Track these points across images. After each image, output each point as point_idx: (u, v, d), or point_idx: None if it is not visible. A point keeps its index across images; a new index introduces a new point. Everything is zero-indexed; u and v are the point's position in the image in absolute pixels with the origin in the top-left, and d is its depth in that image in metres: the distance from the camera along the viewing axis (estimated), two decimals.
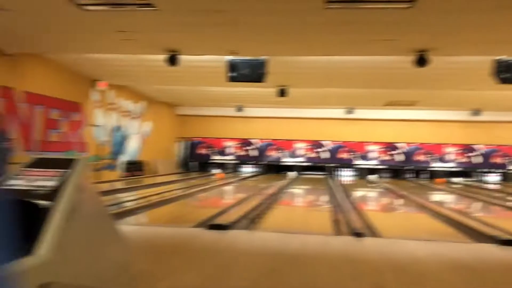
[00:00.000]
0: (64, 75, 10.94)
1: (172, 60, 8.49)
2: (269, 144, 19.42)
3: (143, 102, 15.91)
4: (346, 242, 4.42)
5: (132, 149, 15.04)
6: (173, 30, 7.25)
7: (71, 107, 11.28)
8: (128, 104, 14.66)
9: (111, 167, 13.59)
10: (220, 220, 5.43)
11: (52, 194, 1.93)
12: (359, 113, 18.26)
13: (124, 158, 14.44)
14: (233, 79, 8.91)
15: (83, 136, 11.87)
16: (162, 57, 8.73)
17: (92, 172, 12.44)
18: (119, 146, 14.09)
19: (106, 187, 10.54)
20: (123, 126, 14.33)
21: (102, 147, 12.98)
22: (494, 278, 3.23)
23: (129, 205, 7.19)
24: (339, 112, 18.33)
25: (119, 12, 6.32)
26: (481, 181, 18.46)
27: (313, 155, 19.22)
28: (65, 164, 2.10)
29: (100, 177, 12.82)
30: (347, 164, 19.15)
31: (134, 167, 14.83)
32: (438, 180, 17.24)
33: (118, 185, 11.44)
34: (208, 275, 3.05)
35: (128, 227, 5.15)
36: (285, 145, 19.37)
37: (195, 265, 3.32)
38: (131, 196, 8.83)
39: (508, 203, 9.48)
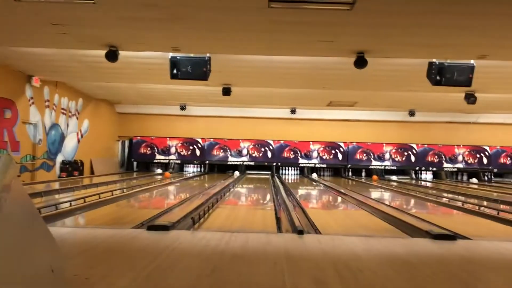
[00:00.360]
0: None
1: (112, 56, 8.22)
2: (214, 144, 19.31)
3: (81, 99, 15.31)
4: (287, 239, 4.44)
5: (69, 148, 14.42)
6: (112, 25, 7.01)
7: (3, 104, 10.64)
8: (65, 101, 14.05)
9: (47, 167, 12.97)
10: (161, 221, 5.30)
11: None
12: (303, 113, 18.61)
13: (60, 157, 13.83)
14: (175, 77, 8.76)
15: (16, 134, 11.24)
16: (101, 52, 8.43)
17: (26, 172, 11.81)
18: (55, 145, 13.47)
19: (41, 187, 10.03)
20: (59, 124, 13.71)
21: (37, 146, 12.35)
22: (427, 270, 3.36)
23: (65, 206, 6.87)
24: (283, 112, 18.59)
25: (54, 4, 6.02)
26: (416, 178, 19.35)
27: (258, 154, 19.33)
28: None
29: (35, 177, 12.21)
30: (291, 163, 19.42)
31: (72, 167, 14.24)
32: (374, 177, 18.11)
33: (55, 185, 10.93)
34: (145, 277, 2.95)
35: (64, 229, 4.93)
36: (230, 144, 19.34)
37: (133, 267, 3.20)
38: (68, 197, 8.46)
39: (441, 200, 9.97)
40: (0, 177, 1.91)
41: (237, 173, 18.40)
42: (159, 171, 19.27)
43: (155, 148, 19.25)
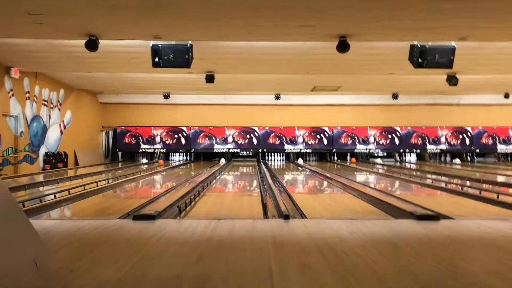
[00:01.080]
0: None
1: (91, 45, 8.09)
2: (199, 132, 19.25)
3: (62, 90, 15.08)
4: (273, 224, 4.47)
5: (52, 140, 14.25)
6: (90, 14, 6.88)
7: None
8: (46, 93, 13.83)
9: (30, 159, 12.80)
10: (147, 210, 5.29)
11: None
12: (287, 99, 18.61)
13: (44, 149, 13.66)
14: (157, 65, 8.67)
15: None
16: (81, 42, 8.29)
17: (8, 165, 11.65)
18: (37, 137, 13.28)
19: (25, 180, 9.92)
20: (41, 116, 13.51)
21: (19, 138, 12.17)
22: (411, 251, 3.41)
23: (50, 198, 6.80)
24: (268, 98, 18.56)
25: None
26: (400, 161, 19.57)
27: (243, 141, 19.32)
28: None
29: (18, 170, 12.06)
30: (277, 149, 19.48)
31: (55, 159, 14.08)
32: (352, 159, 18.62)
33: (39, 178, 10.80)
34: (131, 267, 2.95)
35: (49, 221, 4.88)
36: (215, 132, 19.29)
37: (118, 257, 3.20)
38: (52, 189, 8.38)
39: (425, 181, 10.11)
40: None
41: (223, 160, 18.40)
42: (144, 160, 19.17)
43: (140, 137, 19.12)
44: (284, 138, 19.42)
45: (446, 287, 2.58)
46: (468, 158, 19.91)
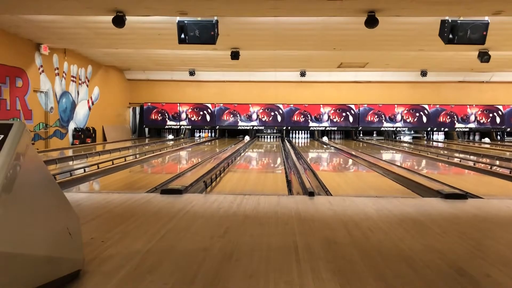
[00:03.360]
0: (3, 39, 10.28)
1: (118, 21, 8.14)
2: (224, 109, 19.30)
3: (90, 67, 15.29)
4: (298, 201, 4.49)
5: (80, 115, 14.53)
6: None
7: (13, 73, 10.67)
8: (74, 69, 14.05)
9: (60, 134, 13.12)
10: (174, 185, 5.38)
11: None
12: (313, 76, 18.39)
13: (73, 125, 13.96)
14: (183, 41, 8.68)
15: (28, 103, 11.33)
16: (108, 18, 8.35)
17: (39, 140, 11.97)
18: (67, 113, 13.57)
19: (55, 155, 10.19)
20: (70, 92, 13.76)
21: (49, 114, 12.45)
22: (438, 229, 3.39)
23: (79, 172, 6.99)
24: (293, 75, 18.39)
25: None
26: (428, 139, 19.26)
27: (268, 118, 19.30)
28: (1, 130, 1.97)
29: (49, 145, 12.38)
30: (301, 127, 19.40)
31: (84, 134, 14.39)
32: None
33: (68, 152, 11.08)
34: (160, 239, 3.03)
35: (79, 194, 5.03)
36: (240, 109, 19.31)
37: (147, 230, 3.28)
38: (81, 163, 8.59)
39: (452, 160, 9.95)
40: (14, 144, 1.93)
41: (247, 137, 18.46)
42: (170, 136, 19.40)
43: (166, 114, 19.31)
44: (309, 115, 19.30)
45: (473, 265, 2.56)
46: (498, 137, 19.43)
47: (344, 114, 19.23)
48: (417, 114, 19.23)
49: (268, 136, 19.62)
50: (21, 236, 1.86)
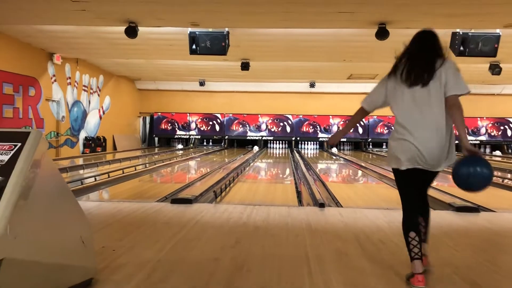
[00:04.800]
0: (17, 48, 10.42)
1: (131, 32, 8.22)
2: (233, 119, 19.35)
3: (102, 76, 15.44)
4: (308, 212, 4.48)
5: (91, 124, 14.64)
6: (131, 1, 6.98)
7: (26, 82, 10.80)
8: (86, 78, 14.19)
9: (70, 143, 13.22)
10: (184, 194, 5.39)
11: (3, 169, 1.84)
12: (322, 87, 18.39)
13: (83, 134, 14.07)
14: (195, 52, 8.75)
15: (40, 111, 11.44)
16: (120, 29, 8.44)
17: (50, 148, 12.07)
18: (78, 122, 13.68)
19: (66, 163, 10.26)
20: (81, 101, 13.89)
21: (60, 123, 12.57)
22: (450, 242, 3.36)
23: (90, 181, 7.03)
24: (302, 86, 18.41)
25: None
26: None
27: (277, 129, 19.31)
28: (19, 137, 2.00)
29: (60, 153, 12.47)
30: (311, 138, 19.37)
31: (95, 143, 14.48)
32: None
33: (79, 161, 11.16)
34: (171, 249, 3.03)
35: (89, 203, 5.05)
36: (249, 119, 19.35)
37: (158, 239, 3.29)
38: (92, 172, 8.64)
39: None
40: (32, 152, 1.96)
41: (256, 148, 18.46)
42: (179, 146, 19.46)
43: (176, 124, 19.40)
44: (318, 126, 19.28)
45: (487, 279, 2.53)
46: (510, 150, 19.24)
47: None
48: None
49: (277, 147, 19.60)
50: (36, 244, 1.88)
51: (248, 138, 19.41)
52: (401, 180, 2.66)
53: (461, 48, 8.55)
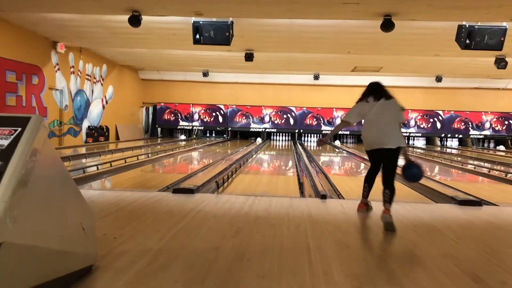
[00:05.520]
0: (21, 36, 10.39)
1: (135, 21, 8.18)
2: (236, 110, 19.31)
3: (105, 66, 15.41)
4: (310, 203, 4.47)
5: (94, 114, 14.64)
6: None
7: (29, 70, 10.79)
8: (89, 68, 14.17)
9: (73, 132, 13.23)
10: (186, 184, 5.39)
11: (3, 153, 1.83)
12: (326, 79, 18.31)
13: (86, 123, 14.08)
14: (198, 42, 8.70)
15: (43, 100, 11.44)
16: (124, 18, 8.40)
17: (53, 137, 12.08)
18: (81, 111, 13.68)
19: (69, 152, 10.28)
20: (84, 90, 13.88)
21: (63, 112, 12.57)
22: (452, 235, 3.35)
23: (93, 170, 7.04)
24: (306, 78, 18.33)
25: None
26: (442, 145, 19.07)
27: (280, 121, 19.27)
28: (20, 122, 1.99)
29: (63, 142, 12.49)
30: (314, 130, 19.33)
31: (97, 133, 14.49)
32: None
33: (81, 150, 11.17)
34: (172, 237, 3.03)
35: (92, 191, 5.06)
36: (252, 111, 19.31)
37: (159, 228, 3.28)
38: (94, 161, 8.66)
39: (466, 166, 9.83)
40: (32, 138, 1.95)
41: (259, 139, 18.44)
42: (182, 137, 19.46)
43: (179, 114, 19.38)
44: (321, 119, 19.23)
45: (489, 272, 2.52)
46: None
47: None
48: (431, 120, 19.05)
49: (280, 139, 19.57)
50: (36, 229, 1.87)
51: (251, 130, 19.38)
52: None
53: (467, 41, 8.48)
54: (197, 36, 8.65)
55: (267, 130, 19.35)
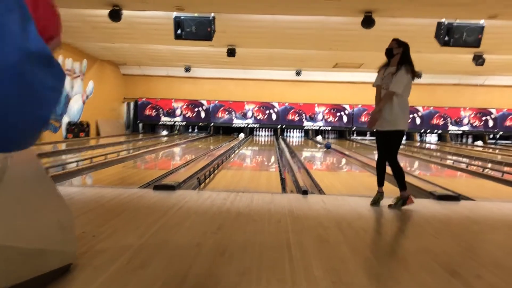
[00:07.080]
0: None
1: (115, 15, 8.09)
2: (219, 106, 19.26)
3: (85, 60, 15.19)
4: (291, 199, 4.49)
5: (74, 109, 14.44)
6: None
7: None
8: (69, 62, 13.95)
9: (53, 128, 13.03)
10: (167, 181, 5.36)
11: None
12: (308, 75, 18.39)
13: (66, 119, 13.87)
14: (180, 37, 8.65)
15: None
16: (105, 12, 8.29)
17: None
18: (60, 107, 13.47)
19: (49, 148, 10.12)
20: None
21: None
22: (431, 230, 3.40)
23: (72, 166, 6.94)
24: (288, 74, 18.38)
25: None
26: (421, 141, 19.34)
27: (263, 116, 19.29)
28: None
29: (42, 138, 12.28)
30: (296, 126, 19.40)
31: (78, 128, 14.30)
32: None
33: (61, 146, 11.01)
34: (152, 235, 3.01)
35: (71, 188, 4.99)
36: (235, 106, 19.28)
37: (139, 225, 3.26)
38: (74, 157, 8.55)
39: (445, 162, 9.99)
40: None
41: (242, 135, 18.44)
42: (164, 132, 19.33)
43: (161, 110, 19.24)
44: (303, 114, 19.31)
45: (465, 266, 2.57)
46: (491, 140, 19.53)
47: (338, 114, 19.26)
48: (411, 116, 19.29)
49: (263, 134, 19.61)
50: (11, 228, 1.84)
51: (234, 125, 19.36)
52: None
53: (446, 38, 8.61)
54: (179, 31, 8.60)
55: (249, 125, 19.35)
